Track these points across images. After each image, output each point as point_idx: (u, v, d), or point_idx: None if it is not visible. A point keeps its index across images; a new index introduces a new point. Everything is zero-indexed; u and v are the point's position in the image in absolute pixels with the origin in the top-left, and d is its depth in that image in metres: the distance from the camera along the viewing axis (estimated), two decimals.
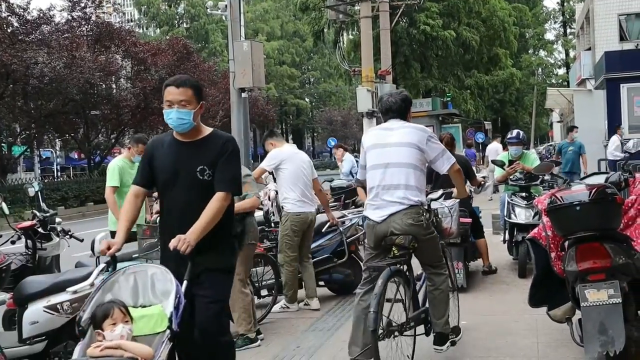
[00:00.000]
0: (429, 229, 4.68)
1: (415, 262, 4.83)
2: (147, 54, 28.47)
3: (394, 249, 4.59)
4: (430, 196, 5.27)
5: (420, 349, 4.84)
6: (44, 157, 43.35)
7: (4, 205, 7.35)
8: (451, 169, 4.81)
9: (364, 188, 5.07)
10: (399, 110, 4.88)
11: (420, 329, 4.86)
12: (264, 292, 6.95)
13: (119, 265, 6.23)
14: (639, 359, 4.49)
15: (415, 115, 25.34)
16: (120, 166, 7.35)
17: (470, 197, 7.59)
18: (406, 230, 4.55)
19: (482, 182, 8.20)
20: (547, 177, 9.06)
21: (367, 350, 4.31)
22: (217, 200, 3.77)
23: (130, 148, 7.64)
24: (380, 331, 4.26)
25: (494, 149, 17.34)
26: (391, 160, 4.69)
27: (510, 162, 8.59)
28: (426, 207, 4.77)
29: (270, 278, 7.05)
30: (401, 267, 4.63)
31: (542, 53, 59.74)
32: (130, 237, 4.19)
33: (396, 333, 4.45)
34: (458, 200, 5.83)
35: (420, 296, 4.96)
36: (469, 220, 7.41)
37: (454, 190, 5.49)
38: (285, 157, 7.11)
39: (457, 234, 6.09)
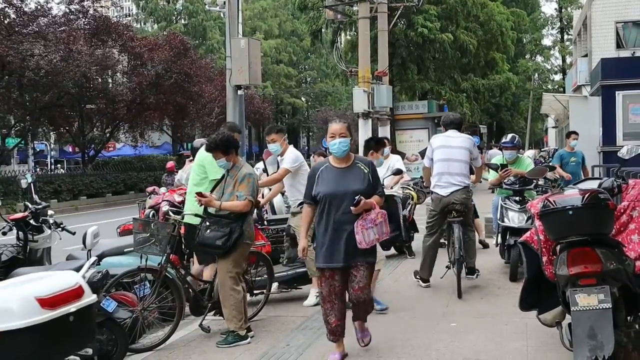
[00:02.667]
0: (471, 201, 7.71)
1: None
2: (144, 49, 28.42)
3: (454, 212, 7.37)
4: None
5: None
6: (38, 149, 43.23)
7: None
8: (482, 164, 8.22)
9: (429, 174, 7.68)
10: (458, 124, 7.77)
11: None
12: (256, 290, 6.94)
13: (112, 259, 6.25)
14: None
15: (410, 117, 25.45)
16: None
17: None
18: (462, 201, 7.36)
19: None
20: (540, 182, 9.11)
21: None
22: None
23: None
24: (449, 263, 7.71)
25: (496, 154, 17.37)
26: (453, 157, 7.49)
27: (504, 165, 8.62)
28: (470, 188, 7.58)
29: (262, 275, 7.03)
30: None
31: (539, 58, 59.87)
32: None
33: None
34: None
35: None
36: None
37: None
38: (302, 158, 7.20)
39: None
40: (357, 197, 4.87)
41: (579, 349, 4.15)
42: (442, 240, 8.15)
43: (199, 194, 5.84)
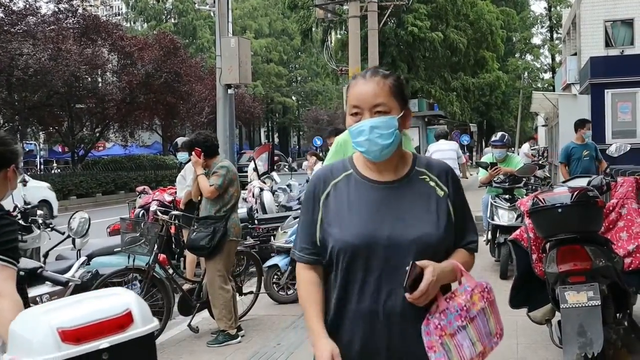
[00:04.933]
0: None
1: None
2: (134, 48, 28.30)
3: None
4: None
5: None
6: (27, 149, 42.97)
7: None
8: (464, 161, 11.03)
9: None
10: (445, 135, 12.32)
11: None
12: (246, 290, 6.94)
13: (101, 259, 6.22)
14: None
15: None
16: None
17: None
18: None
19: None
20: (530, 180, 9.15)
21: None
22: None
23: None
24: None
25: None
26: (445, 156, 10.56)
27: (493, 164, 8.65)
28: None
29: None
30: None
31: (529, 57, 60.12)
32: None
33: None
34: None
35: None
36: None
37: None
38: None
39: None
40: (408, 268, 2.01)
41: (568, 346, 4.17)
42: None
43: (197, 152, 5.92)
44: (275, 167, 14.44)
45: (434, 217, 2.15)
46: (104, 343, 2.05)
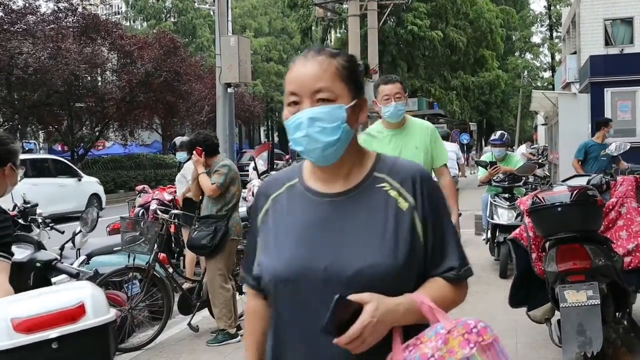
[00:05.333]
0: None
1: None
2: (134, 47, 28.26)
3: None
4: None
5: None
6: (27, 148, 42.94)
7: None
8: (463, 162, 10.98)
9: None
10: (446, 137, 9.10)
11: None
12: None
13: (101, 258, 6.23)
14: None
15: None
16: None
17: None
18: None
19: None
20: (530, 179, 9.15)
21: None
22: None
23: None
24: None
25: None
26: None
27: (493, 163, 8.65)
28: None
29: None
30: None
31: (528, 56, 60.12)
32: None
33: None
34: None
35: None
36: None
37: None
38: None
39: None
40: (332, 303, 1.49)
41: (568, 345, 4.17)
42: None
43: (198, 151, 5.90)
44: (274, 166, 14.44)
45: (389, 240, 1.62)
46: (53, 333, 2.18)
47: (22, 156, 2.89)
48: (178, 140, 9.00)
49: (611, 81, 14.97)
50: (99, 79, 30.05)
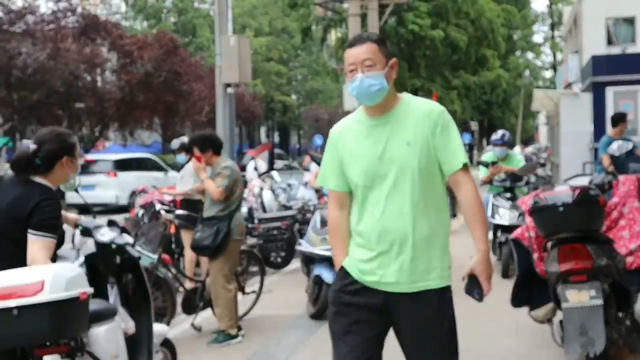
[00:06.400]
0: None
1: None
2: (134, 47, 28.23)
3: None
4: None
5: None
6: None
7: None
8: None
9: None
10: None
11: None
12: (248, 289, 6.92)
13: None
14: None
15: None
16: None
17: None
18: None
19: None
20: (532, 179, 9.12)
21: None
22: None
23: None
24: None
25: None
26: None
27: (494, 162, 8.62)
28: None
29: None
30: None
31: (530, 55, 60.07)
32: None
33: None
34: None
35: None
36: None
37: None
38: None
39: None
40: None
41: (570, 345, 4.15)
42: None
43: (198, 158, 5.88)
44: (273, 166, 14.42)
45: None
46: (12, 303, 2.74)
47: None
48: (176, 142, 8.95)
49: (613, 81, 14.94)
50: (99, 79, 30.03)
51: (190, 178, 7.68)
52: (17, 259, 3.15)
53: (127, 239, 4.06)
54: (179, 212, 7.16)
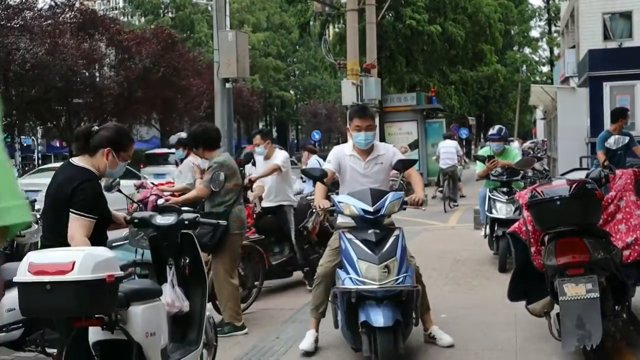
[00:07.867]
0: (457, 171, 17.61)
1: None
2: (132, 43, 28.19)
3: (447, 174, 16.89)
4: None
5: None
6: (25, 144, 42.88)
7: None
8: (462, 154, 17.46)
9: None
10: (449, 137, 18.50)
11: None
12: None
13: None
14: (615, 353, 4.54)
15: (399, 109, 25.48)
16: None
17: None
18: (452, 170, 16.94)
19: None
20: (529, 173, 9.14)
21: None
22: None
23: None
24: None
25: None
26: (449, 152, 17.31)
27: (491, 157, 8.64)
28: None
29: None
30: None
31: (527, 50, 60.03)
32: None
33: None
34: None
35: None
36: None
37: None
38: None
39: None
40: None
41: (567, 338, 4.18)
42: (439, 191, 17.34)
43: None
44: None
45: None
46: (46, 278, 3.06)
47: None
48: (174, 138, 8.94)
49: (610, 75, 14.95)
50: (97, 74, 29.98)
51: (188, 173, 7.69)
52: (65, 236, 3.63)
53: (192, 215, 4.42)
54: (185, 208, 7.17)
